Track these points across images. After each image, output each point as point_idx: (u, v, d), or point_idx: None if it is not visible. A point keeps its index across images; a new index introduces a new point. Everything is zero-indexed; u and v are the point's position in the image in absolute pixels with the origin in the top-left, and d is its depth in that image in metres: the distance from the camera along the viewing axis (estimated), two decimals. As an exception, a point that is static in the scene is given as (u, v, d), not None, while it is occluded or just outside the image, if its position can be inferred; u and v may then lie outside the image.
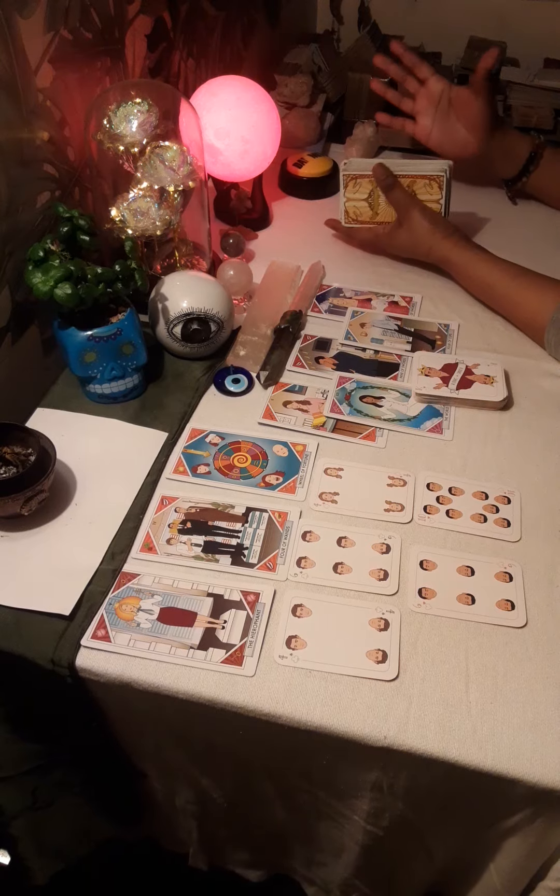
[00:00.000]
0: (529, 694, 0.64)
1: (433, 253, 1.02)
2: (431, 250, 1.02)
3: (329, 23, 1.69)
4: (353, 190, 1.05)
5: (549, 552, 0.74)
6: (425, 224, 1.01)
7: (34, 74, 0.77)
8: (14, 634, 0.66)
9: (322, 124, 1.32)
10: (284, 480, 0.79)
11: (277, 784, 0.74)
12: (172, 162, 0.86)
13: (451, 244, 1.00)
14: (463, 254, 0.99)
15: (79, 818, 0.87)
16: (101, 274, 0.77)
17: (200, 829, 0.88)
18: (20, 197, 0.80)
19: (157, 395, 0.88)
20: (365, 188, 1.05)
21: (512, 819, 0.66)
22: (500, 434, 0.85)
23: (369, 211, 1.07)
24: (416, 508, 0.77)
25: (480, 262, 0.98)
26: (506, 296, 0.96)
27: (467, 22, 1.54)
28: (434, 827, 0.72)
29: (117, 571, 0.71)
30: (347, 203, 1.07)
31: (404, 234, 1.03)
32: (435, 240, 1.01)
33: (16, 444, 0.75)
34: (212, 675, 0.64)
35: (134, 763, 0.79)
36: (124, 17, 0.92)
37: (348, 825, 0.75)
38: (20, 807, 0.82)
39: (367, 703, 0.63)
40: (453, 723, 0.62)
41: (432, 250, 1.02)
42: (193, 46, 1.14)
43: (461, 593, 0.70)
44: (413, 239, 1.03)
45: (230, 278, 0.96)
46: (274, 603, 0.69)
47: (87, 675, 0.65)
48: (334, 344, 0.96)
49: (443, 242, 1.00)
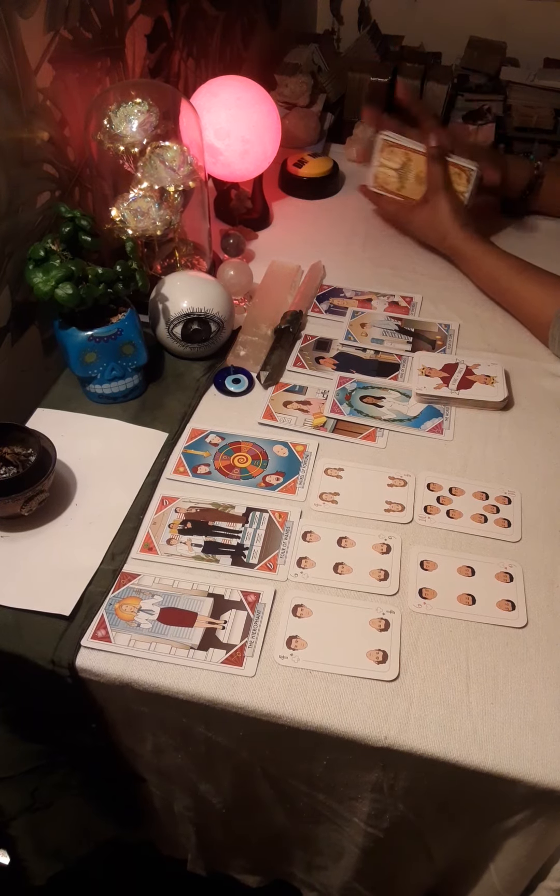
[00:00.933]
0: (530, 694, 0.64)
1: (447, 240, 1.03)
2: (446, 237, 1.03)
3: (329, 23, 1.69)
4: (388, 157, 1.06)
5: (550, 552, 0.74)
6: (448, 209, 1.02)
7: (34, 74, 0.77)
8: (14, 635, 0.66)
9: (322, 124, 1.32)
10: (285, 481, 0.79)
11: (277, 787, 0.74)
12: (173, 162, 0.86)
13: (465, 235, 1.01)
14: (474, 246, 1.00)
15: (78, 819, 0.87)
16: (101, 274, 0.77)
17: (199, 835, 0.88)
18: (20, 197, 0.80)
19: (158, 396, 0.88)
20: (398, 159, 1.06)
21: (512, 819, 0.66)
22: (500, 434, 0.85)
23: (397, 182, 1.08)
24: (417, 509, 0.77)
25: (489, 255, 0.98)
26: (511, 290, 0.96)
27: (467, 22, 1.54)
28: (434, 828, 0.72)
29: (117, 572, 0.71)
30: (379, 168, 1.08)
31: (426, 212, 1.04)
32: (453, 227, 1.01)
33: (16, 445, 0.75)
34: (212, 675, 0.64)
35: (132, 766, 0.79)
36: (124, 17, 0.92)
37: (348, 828, 0.75)
38: (20, 807, 0.82)
39: (367, 704, 0.62)
40: (454, 723, 0.62)
41: (447, 237, 1.03)
42: (193, 46, 1.14)
43: (462, 593, 0.70)
44: (433, 220, 1.03)
45: (230, 278, 0.96)
46: (274, 603, 0.69)
47: (87, 676, 0.65)
48: (335, 344, 0.96)
49: (459, 231, 1.01)
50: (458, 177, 1.04)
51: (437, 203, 1.02)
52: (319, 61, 1.44)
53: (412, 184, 1.07)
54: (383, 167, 1.08)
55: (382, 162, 1.07)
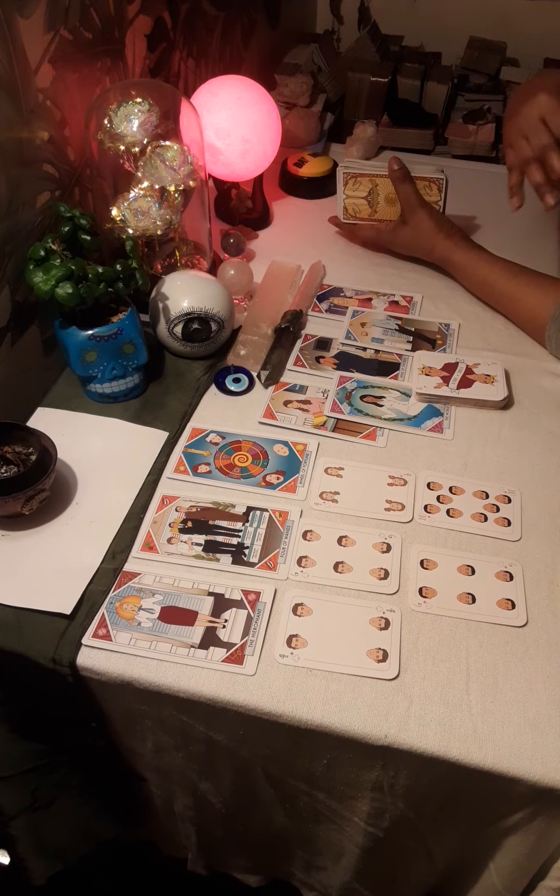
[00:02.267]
0: (530, 693, 0.64)
1: (435, 252, 1.03)
2: (433, 249, 1.03)
3: (329, 23, 1.69)
4: (353, 188, 1.06)
5: (550, 551, 0.74)
6: (430, 224, 1.01)
7: (34, 74, 0.77)
8: (15, 633, 0.66)
9: (322, 124, 1.32)
10: (285, 480, 0.79)
11: (277, 787, 0.74)
12: (173, 161, 0.86)
13: (452, 244, 1.01)
14: (464, 254, 1.00)
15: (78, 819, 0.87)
16: (102, 273, 0.78)
17: (199, 834, 0.88)
18: (20, 197, 0.80)
19: (158, 395, 0.88)
20: (364, 186, 1.06)
21: (512, 818, 0.66)
22: (500, 433, 0.85)
23: (368, 209, 1.08)
24: (417, 508, 0.77)
25: (481, 261, 0.98)
26: (506, 294, 0.96)
27: (467, 22, 1.55)
28: (434, 827, 0.72)
29: (118, 570, 0.71)
30: (347, 200, 1.08)
31: (408, 231, 1.04)
32: (437, 239, 1.01)
33: (17, 444, 0.75)
34: (213, 674, 0.64)
35: (132, 766, 0.79)
36: (124, 17, 0.92)
37: (348, 827, 0.75)
38: (20, 807, 0.82)
39: (367, 702, 0.63)
40: (454, 722, 0.62)
41: (434, 250, 1.03)
42: (193, 46, 1.14)
43: (461, 592, 0.70)
44: (416, 237, 1.03)
45: (231, 278, 0.97)
46: (274, 602, 0.69)
47: (87, 674, 0.65)
48: (335, 343, 0.96)
49: (445, 242, 1.01)
50: (429, 188, 1.04)
51: (417, 220, 1.02)
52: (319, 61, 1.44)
53: (384, 206, 1.07)
54: (350, 198, 1.08)
55: (348, 194, 1.07)
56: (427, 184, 1.04)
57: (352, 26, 1.67)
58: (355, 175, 1.05)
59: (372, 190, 1.05)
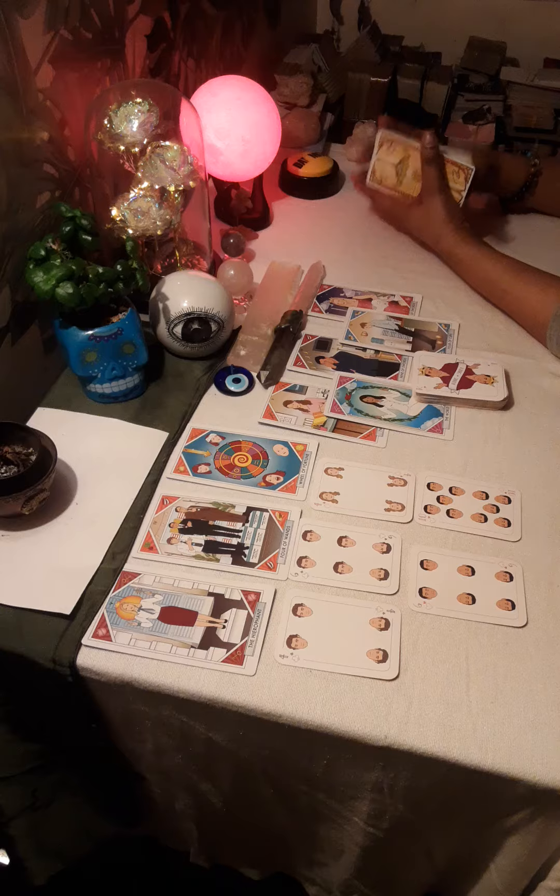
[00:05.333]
0: (530, 693, 0.64)
1: (440, 242, 1.03)
2: (440, 239, 1.03)
3: (329, 23, 1.69)
4: (387, 151, 1.06)
5: (550, 552, 0.74)
6: (442, 212, 1.02)
7: (34, 74, 0.77)
8: (15, 634, 0.66)
9: (322, 124, 1.32)
10: (285, 480, 0.79)
11: (277, 786, 0.74)
12: (173, 162, 0.86)
13: (459, 238, 1.01)
14: (468, 248, 1.00)
15: (78, 818, 0.87)
16: (102, 274, 0.78)
17: (200, 831, 0.88)
18: (20, 197, 0.80)
19: (158, 395, 0.88)
20: (397, 154, 1.06)
21: (512, 818, 0.66)
22: (500, 434, 0.85)
23: (394, 178, 1.08)
24: (417, 508, 0.77)
25: (484, 257, 0.98)
26: (508, 291, 0.96)
27: (467, 22, 1.55)
28: (434, 827, 0.72)
29: (118, 571, 0.71)
30: (377, 162, 1.08)
31: (420, 213, 1.04)
32: (446, 230, 1.01)
33: (17, 444, 0.75)
34: (212, 674, 0.64)
35: (133, 766, 0.79)
36: (124, 17, 0.92)
37: (348, 827, 0.75)
38: (20, 807, 0.82)
39: (367, 703, 0.63)
40: (454, 722, 0.62)
41: (440, 239, 1.03)
42: (193, 46, 1.14)
43: (462, 593, 0.70)
44: (426, 221, 1.04)
45: (231, 278, 0.96)
46: (274, 602, 0.69)
47: (87, 675, 0.65)
48: (335, 344, 0.96)
49: (452, 234, 1.01)
50: (456, 175, 1.04)
51: (431, 205, 1.02)
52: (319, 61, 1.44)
53: (409, 180, 1.07)
54: (381, 161, 1.08)
55: (381, 157, 1.08)
56: (456, 170, 1.03)
57: (352, 26, 1.67)
58: (392, 140, 1.05)
59: (403, 160, 1.05)
